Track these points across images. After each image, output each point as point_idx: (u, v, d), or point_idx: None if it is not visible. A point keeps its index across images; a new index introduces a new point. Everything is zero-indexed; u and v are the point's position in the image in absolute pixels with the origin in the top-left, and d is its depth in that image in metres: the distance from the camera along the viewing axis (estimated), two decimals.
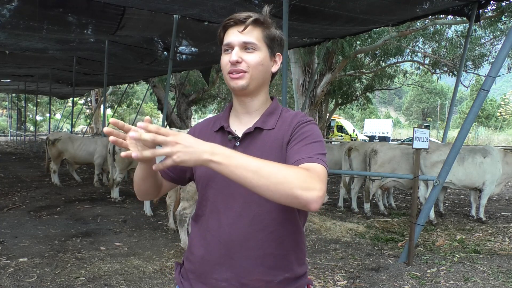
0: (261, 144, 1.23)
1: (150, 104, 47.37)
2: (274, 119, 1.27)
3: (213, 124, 1.36)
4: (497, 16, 10.96)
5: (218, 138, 1.31)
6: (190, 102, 21.01)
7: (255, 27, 1.22)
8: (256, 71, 1.23)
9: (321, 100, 13.75)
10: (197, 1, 5.94)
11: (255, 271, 1.19)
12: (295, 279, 1.25)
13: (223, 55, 1.25)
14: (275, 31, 1.28)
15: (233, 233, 1.20)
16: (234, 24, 1.22)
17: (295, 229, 1.26)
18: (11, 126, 31.93)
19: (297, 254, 1.27)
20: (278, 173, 0.98)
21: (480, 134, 33.67)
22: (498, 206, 7.72)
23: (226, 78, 1.25)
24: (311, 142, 1.18)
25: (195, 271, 1.27)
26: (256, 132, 1.26)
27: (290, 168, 1.02)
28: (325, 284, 3.66)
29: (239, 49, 1.21)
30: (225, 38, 1.24)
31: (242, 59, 1.21)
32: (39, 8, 6.26)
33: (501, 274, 3.98)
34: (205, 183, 1.27)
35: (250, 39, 1.21)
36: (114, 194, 7.29)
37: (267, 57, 1.26)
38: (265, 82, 1.29)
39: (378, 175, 5.72)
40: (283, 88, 4.97)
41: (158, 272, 3.87)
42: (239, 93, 1.27)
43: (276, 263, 1.21)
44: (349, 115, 50.83)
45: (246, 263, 1.19)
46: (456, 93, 7.41)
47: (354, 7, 6.08)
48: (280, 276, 1.21)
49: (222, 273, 1.20)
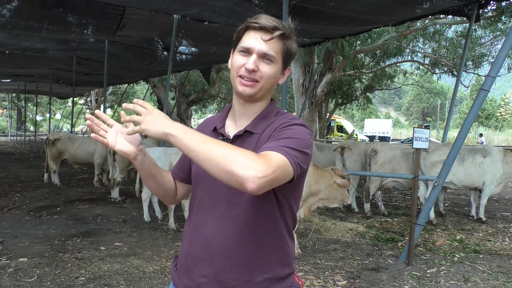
0: (247, 146, 1.23)
1: (150, 104, 47.40)
2: (265, 124, 1.27)
3: (212, 124, 1.39)
4: (497, 16, 10.96)
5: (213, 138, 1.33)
6: (190, 102, 21.03)
7: (278, 39, 1.22)
8: (267, 83, 1.25)
9: (321, 100, 13.75)
10: (197, 1, 5.94)
11: (232, 270, 1.21)
12: (277, 280, 1.25)
13: (238, 54, 1.24)
14: (294, 46, 1.28)
15: (215, 232, 1.23)
16: (260, 29, 1.21)
17: (276, 230, 1.25)
18: (11, 126, 31.92)
19: (279, 255, 1.26)
20: (223, 150, 1.01)
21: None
22: (498, 206, 7.72)
23: (235, 80, 1.25)
24: (285, 137, 1.14)
25: (182, 264, 1.32)
26: (245, 135, 1.27)
27: (239, 149, 1.04)
28: (325, 284, 3.66)
29: (257, 57, 1.21)
30: (245, 39, 1.23)
31: (258, 69, 1.21)
32: (39, 8, 6.26)
33: (501, 274, 3.98)
34: (196, 181, 1.32)
35: (271, 52, 1.21)
36: (114, 194, 7.29)
37: (279, 71, 1.27)
38: (271, 92, 1.31)
39: (378, 175, 5.72)
40: (283, 88, 4.98)
41: (158, 272, 3.87)
42: (243, 98, 1.28)
43: (255, 263, 1.22)
44: (349, 115, 50.83)
45: (225, 261, 1.22)
46: (456, 93, 7.41)
47: (354, 7, 6.08)
48: (259, 277, 1.22)
49: (203, 269, 1.24)
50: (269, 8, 6.02)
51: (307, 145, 1.17)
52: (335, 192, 4.47)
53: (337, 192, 4.48)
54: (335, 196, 4.50)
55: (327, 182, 4.41)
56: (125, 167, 7.30)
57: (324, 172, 4.46)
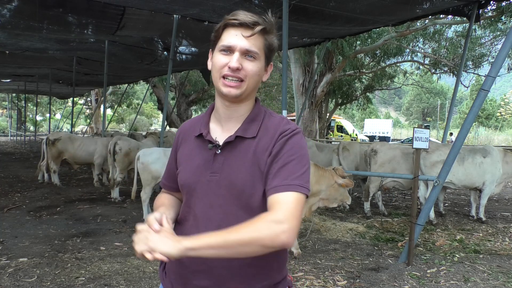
0: (242, 154, 1.20)
1: (150, 104, 47.37)
2: (255, 126, 1.23)
3: (194, 128, 1.33)
4: (497, 16, 10.96)
5: (198, 144, 1.28)
6: (190, 102, 21.03)
7: (259, 35, 1.19)
8: (252, 81, 1.21)
9: (321, 100, 13.75)
10: (197, 1, 5.94)
11: (232, 280, 1.20)
12: (274, 285, 1.25)
13: (219, 54, 1.20)
14: (275, 40, 1.24)
15: None
16: (239, 25, 1.17)
17: None
18: (11, 126, 31.91)
19: (278, 262, 1.26)
20: (244, 237, 1.04)
21: (480, 134, 33.64)
22: (498, 206, 7.72)
23: (218, 81, 1.20)
24: (291, 160, 1.15)
25: (175, 273, 1.28)
26: (237, 141, 1.22)
27: (252, 225, 1.06)
28: (325, 284, 3.66)
29: (240, 55, 1.17)
30: (225, 37, 1.19)
31: (241, 67, 1.17)
32: (39, 8, 6.26)
33: (501, 274, 3.98)
34: (188, 191, 1.27)
35: (253, 48, 1.18)
36: (114, 194, 7.29)
37: (263, 67, 1.23)
38: (255, 90, 1.27)
39: (378, 175, 5.72)
40: (283, 88, 4.98)
41: (158, 272, 3.87)
42: (229, 100, 1.22)
43: (255, 272, 1.21)
44: (349, 115, 50.83)
45: (224, 272, 1.19)
46: (456, 93, 7.40)
47: (354, 7, 6.09)
48: (258, 284, 1.21)
49: (201, 280, 1.21)
50: (269, 8, 6.02)
51: (308, 156, 1.21)
52: (336, 192, 4.47)
53: (338, 192, 4.48)
54: (335, 196, 4.50)
55: (328, 182, 4.41)
56: (125, 167, 7.30)
57: (325, 172, 4.46)
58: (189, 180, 1.24)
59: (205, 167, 1.22)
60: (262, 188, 1.18)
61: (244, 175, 1.18)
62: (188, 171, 1.27)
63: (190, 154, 1.29)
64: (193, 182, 1.19)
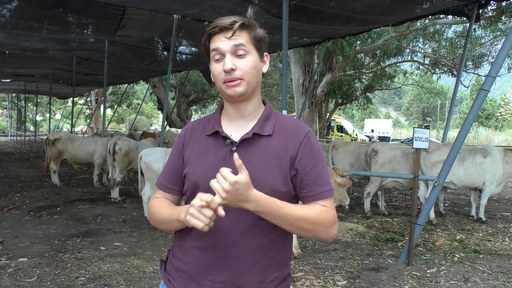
0: (261, 151, 1.23)
1: (150, 104, 47.36)
2: (270, 125, 1.27)
3: (203, 128, 1.33)
4: (497, 16, 10.95)
5: (211, 142, 1.29)
6: (190, 102, 21.03)
7: (241, 31, 1.22)
8: (251, 76, 1.23)
9: (321, 100, 13.75)
10: (197, 1, 5.94)
11: (250, 273, 1.22)
12: (284, 277, 1.30)
13: (214, 63, 1.24)
14: (260, 32, 1.27)
15: (229, 237, 1.21)
16: (220, 31, 1.21)
17: (285, 230, 1.26)
18: (11, 126, 31.91)
19: (286, 254, 1.32)
20: (309, 221, 1.19)
21: (480, 134, 33.66)
22: (498, 206, 7.72)
23: (221, 87, 1.24)
24: (322, 165, 1.27)
25: (188, 271, 1.27)
26: (254, 138, 1.24)
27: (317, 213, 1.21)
28: (325, 284, 3.66)
29: (231, 56, 1.20)
30: (212, 46, 1.23)
31: (236, 66, 1.20)
32: (39, 8, 6.26)
33: (501, 274, 3.98)
34: (201, 188, 1.23)
35: (240, 41, 1.21)
36: (114, 194, 7.29)
37: (258, 59, 1.25)
38: (258, 84, 1.29)
39: (378, 175, 5.72)
40: (283, 88, 4.97)
41: (158, 272, 3.86)
42: (235, 99, 1.25)
43: (269, 263, 1.25)
44: (349, 115, 50.81)
45: (242, 266, 1.22)
46: (456, 93, 7.39)
47: (354, 7, 6.08)
48: (270, 276, 1.26)
49: (217, 275, 1.22)
50: (269, 8, 6.02)
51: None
52: (335, 192, 4.47)
53: (337, 192, 4.48)
54: (335, 196, 4.50)
55: None
56: (125, 167, 7.30)
57: None
58: (203, 177, 1.22)
59: (221, 164, 1.19)
60: (281, 185, 1.22)
61: (264, 172, 1.21)
62: (203, 169, 1.26)
63: (203, 152, 1.29)
64: (209, 178, 1.14)
